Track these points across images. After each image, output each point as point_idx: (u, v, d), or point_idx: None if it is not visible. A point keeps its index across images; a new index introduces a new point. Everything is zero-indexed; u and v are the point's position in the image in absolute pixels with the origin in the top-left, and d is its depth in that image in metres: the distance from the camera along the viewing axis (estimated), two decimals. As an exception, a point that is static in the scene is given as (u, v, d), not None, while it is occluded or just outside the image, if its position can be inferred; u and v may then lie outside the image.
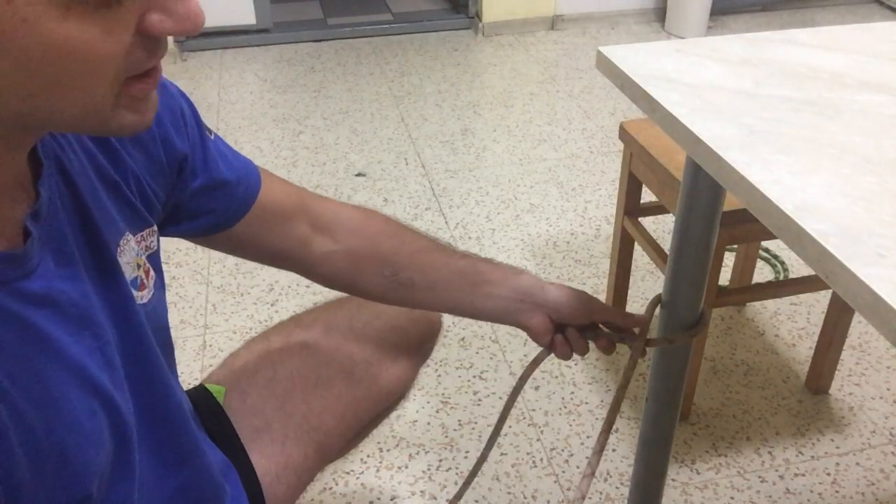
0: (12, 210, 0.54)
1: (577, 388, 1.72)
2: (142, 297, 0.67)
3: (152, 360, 0.68)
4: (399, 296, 0.92)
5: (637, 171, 1.65)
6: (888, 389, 1.71)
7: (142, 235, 0.68)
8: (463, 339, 1.86)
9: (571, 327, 0.93)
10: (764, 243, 2.10)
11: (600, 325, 0.96)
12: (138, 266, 0.67)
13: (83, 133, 0.60)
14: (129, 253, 0.66)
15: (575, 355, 0.95)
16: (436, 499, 1.47)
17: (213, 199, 0.78)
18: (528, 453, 1.57)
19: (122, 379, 0.62)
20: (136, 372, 0.64)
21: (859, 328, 1.85)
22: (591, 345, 0.96)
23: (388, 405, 1.07)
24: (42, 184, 0.56)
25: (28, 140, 0.53)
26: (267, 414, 0.94)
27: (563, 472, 1.52)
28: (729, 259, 2.01)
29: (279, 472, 0.92)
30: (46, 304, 0.54)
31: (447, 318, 1.90)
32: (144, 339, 0.66)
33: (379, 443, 1.58)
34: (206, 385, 0.96)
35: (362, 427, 1.04)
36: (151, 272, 0.69)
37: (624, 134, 1.65)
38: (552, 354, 0.95)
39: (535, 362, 0.96)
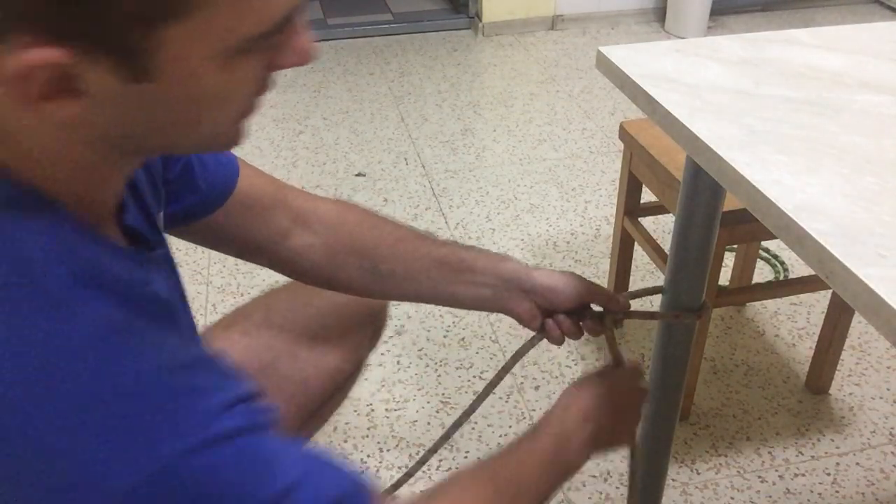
0: (117, 213, 0.58)
1: (577, 388, 1.72)
2: None
3: None
4: (380, 288, 0.91)
5: (637, 171, 1.65)
6: (888, 389, 1.71)
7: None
8: (463, 339, 1.86)
9: (562, 314, 0.91)
10: (764, 243, 2.10)
11: (591, 307, 0.94)
12: None
13: (186, 153, 0.63)
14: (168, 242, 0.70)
15: (581, 339, 0.95)
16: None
17: (194, 180, 0.78)
18: (528, 453, 1.57)
19: None
20: None
21: (859, 328, 1.85)
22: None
23: (338, 385, 1.05)
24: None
25: (142, 162, 0.59)
26: None
27: (563, 472, 1.52)
28: (729, 259, 2.01)
29: None
30: (169, 308, 0.56)
31: (447, 319, 1.91)
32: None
33: (379, 443, 1.59)
34: None
35: (314, 408, 1.03)
36: None
37: (624, 134, 1.65)
38: (545, 340, 0.94)
39: (529, 344, 0.94)
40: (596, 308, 0.94)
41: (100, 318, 0.47)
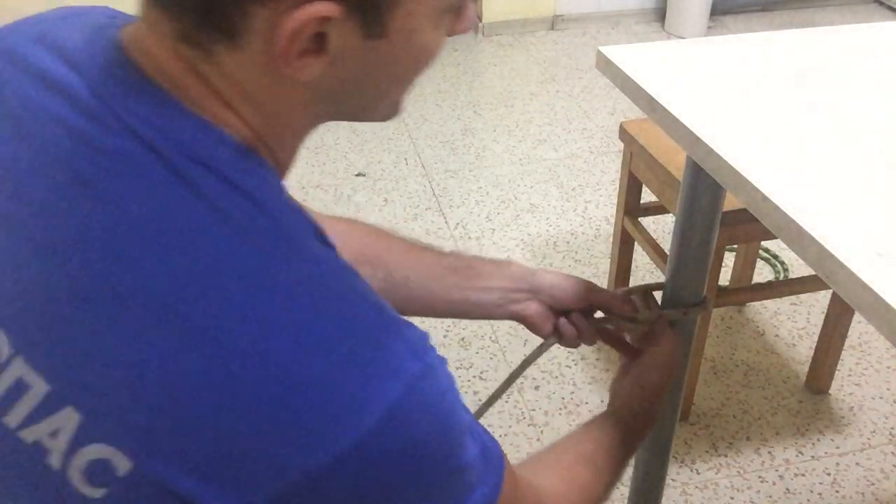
0: None
1: (577, 388, 1.72)
2: None
3: None
4: (396, 297, 0.90)
5: (637, 171, 1.65)
6: (888, 389, 1.71)
7: None
8: (463, 339, 1.86)
9: (575, 312, 0.91)
10: (764, 243, 2.10)
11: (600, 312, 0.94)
12: None
13: (355, 120, 0.64)
14: None
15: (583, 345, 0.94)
16: (436, 499, 1.47)
17: None
18: (528, 453, 1.57)
19: None
20: None
21: (859, 328, 1.85)
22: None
23: None
24: None
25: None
26: None
27: (563, 472, 1.52)
28: (729, 259, 2.01)
29: None
30: None
31: (447, 319, 1.91)
32: None
33: (379, 443, 1.59)
34: None
35: None
36: None
37: (624, 134, 1.65)
38: (557, 343, 0.93)
39: (541, 349, 0.93)
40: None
41: (339, 263, 0.49)
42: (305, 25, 0.43)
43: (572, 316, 0.90)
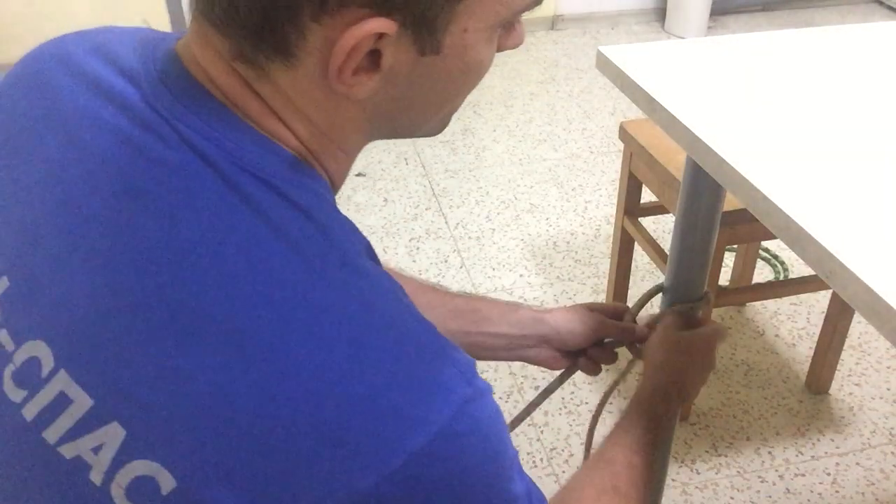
0: None
1: (577, 388, 1.72)
2: None
3: None
4: None
5: (637, 171, 1.65)
6: (888, 389, 1.71)
7: None
8: (463, 339, 1.86)
9: (590, 348, 0.91)
10: (764, 243, 2.10)
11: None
12: None
13: (406, 137, 0.63)
14: None
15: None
16: (436, 499, 1.47)
17: None
18: (528, 453, 1.57)
19: None
20: None
21: (859, 328, 1.85)
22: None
23: None
24: None
25: None
26: None
27: (563, 472, 1.52)
28: (729, 259, 2.01)
29: None
30: None
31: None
32: None
33: (379, 443, 1.59)
34: None
35: None
36: None
37: (624, 134, 1.65)
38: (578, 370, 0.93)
39: (561, 378, 0.93)
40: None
41: (390, 282, 0.48)
42: (361, 43, 0.43)
43: (588, 352, 0.91)
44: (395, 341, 0.45)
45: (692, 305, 1.02)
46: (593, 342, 0.91)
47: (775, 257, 2.11)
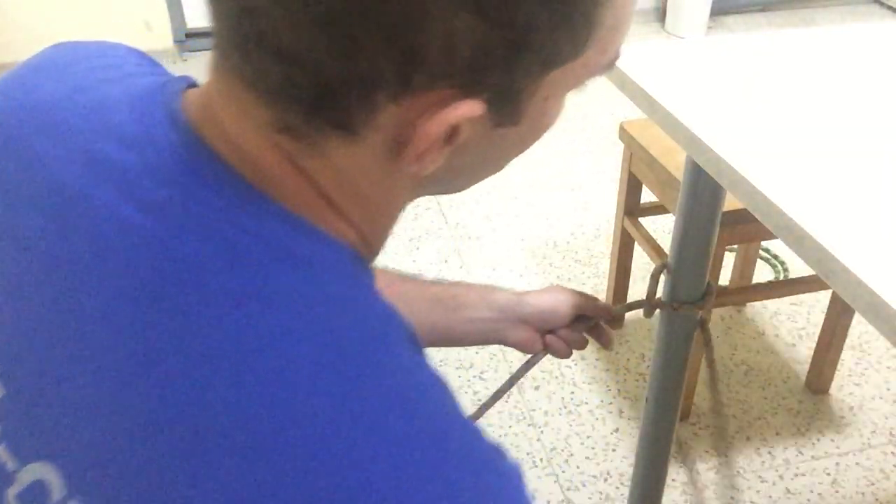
0: None
1: (577, 388, 1.72)
2: None
3: None
4: None
5: (637, 171, 1.65)
6: (888, 389, 1.71)
7: None
8: (463, 339, 1.86)
9: (562, 329, 0.89)
10: (764, 243, 2.10)
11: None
12: None
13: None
14: None
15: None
16: (436, 499, 1.47)
17: None
18: (528, 453, 1.57)
19: None
20: None
21: (859, 328, 1.85)
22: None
23: None
24: None
25: None
26: None
27: (563, 472, 1.52)
28: (729, 259, 2.01)
29: None
30: None
31: (447, 318, 1.91)
32: None
33: (379, 443, 1.59)
34: None
35: None
36: None
37: (624, 134, 1.65)
38: (548, 354, 0.92)
39: (530, 364, 0.92)
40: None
41: (435, 378, 0.42)
42: (451, 126, 0.38)
43: (560, 332, 0.89)
44: (441, 452, 0.39)
45: (693, 305, 1.02)
46: (571, 322, 0.89)
47: (775, 257, 2.12)
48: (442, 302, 0.86)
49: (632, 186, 1.70)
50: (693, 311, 1.03)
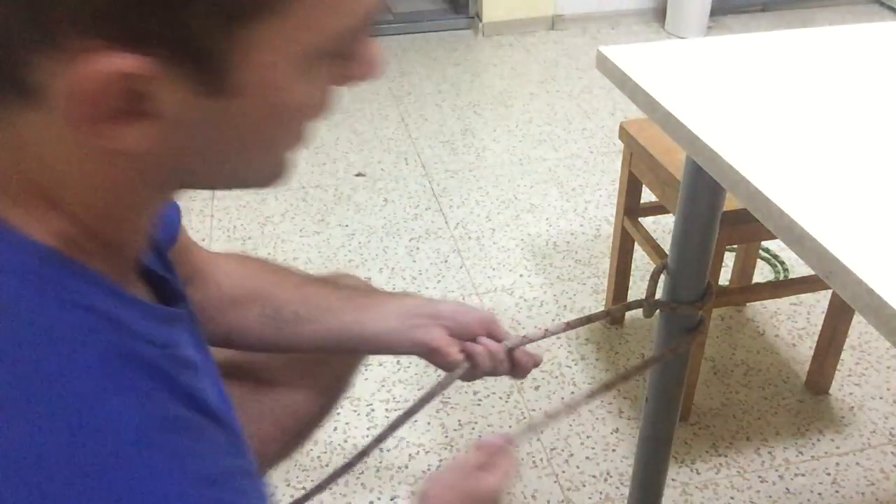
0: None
1: (577, 388, 1.72)
2: None
3: None
4: (284, 335, 0.83)
5: (637, 171, 1.65)
6: (888, 389, 1.71)
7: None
8: (463, 339, 1.86)
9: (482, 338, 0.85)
10: (764, 243, 2.10)
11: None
12: None
13: (228, 189, 0.54)
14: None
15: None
16: (436, 499, 1.47)
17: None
18: (528, 453, 1.57)
19: None
20: None
21: (859, 328, 1.85)
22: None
23: (294, 432, 0.98)
24: None
25: (172, 198, 0.50)
26: None
27: (563, 472, 1.52)
28: (729, 259, 2.01)
29: None
30: (192, 366, 0.48)
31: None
32: None
33: (379, 443, 1.59)
34: None
35: (273, 453, 0.96)
36: None
37: (624, 134, 1.65)
38: (465, 376, 0.86)
39: (452, 375, 0.85)
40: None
41: (135, 415, 0.39)
42: (105, 83, 0.35)
43: (481, 339, 0.84)
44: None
45: (693, 305, 1.02)
46: (485, 334, 0.85)
47: (775, 257, 2.11)
48: (353, 300, 0.84)
49: (632, 186, 1.70)
50: (692, 311, 1.03)
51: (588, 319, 0.95)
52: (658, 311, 1.05)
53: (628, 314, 1.92)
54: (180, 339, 0.48)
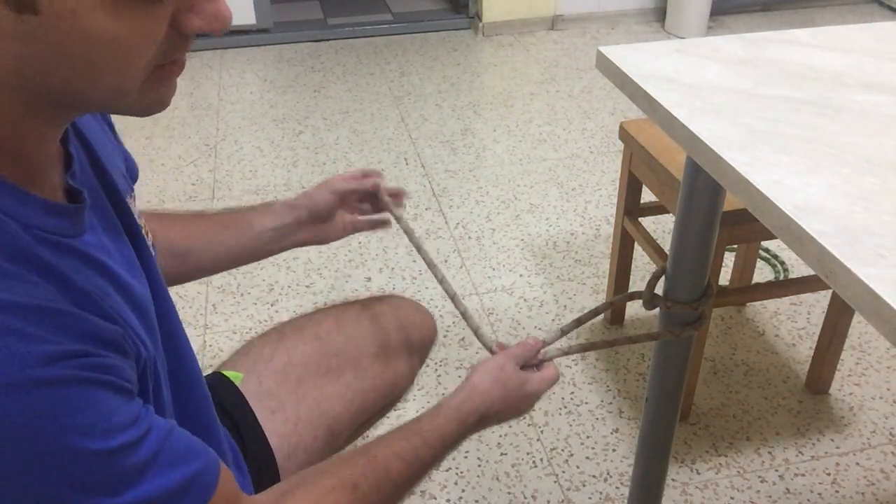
0: (56, 174, 0.56)
1: (577, 388, 1.72)
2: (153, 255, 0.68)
3: (176, 322, 0.69)
4: (182, 268, 0.94)
5: (637, 171, 1.65)
6: (888, 389, 1.71)
7: (132, 196, 0.70)
8: (463, 339, 1.86)
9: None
10: (764, 243, 2.10)
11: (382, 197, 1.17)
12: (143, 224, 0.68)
13: (109, 113, 0.61)
14: (135, 211, 0.68)
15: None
16: (436, 498, 1.47)
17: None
18: (528, 453, 1.57)
19: (160, 344, 0.63)
20: (164, 334, 0.65)
21: (859, 328, 1.85)
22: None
23: (391, 400, 1.09)
24: (70, 143, 0.59)
25: (69, 116, 0.55)
26: (281, 396, 0.96)
27: (563, 472, 1.52)
28: (729, 259, 2.01)
29: (291, 450, 0.93)
30: (97, 264, 0.55)
31: (448, 319, 1.91)
32: (168, 299, 0.67)
33: (379, 443, 1.58)
34: (223, 371, 0.98)
35: (367, 418, 1.05)
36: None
37: (624, 134, 1.65)
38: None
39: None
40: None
41: (13, 331, 0.45)
42: None
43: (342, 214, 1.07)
44: None
45: (693, 305, 1.02)
46: (342, 199, 1.06)
47: (775, 257, 2.12)
48: (229, 226, 1.00)
49: (632, 186, 1.70)
50: (692, 310, 1.04)
51: (594, 313, 1.03)
52: (658, 311, 1.05)
53: (629, 314, 1.92)
54: (84, 230, 0.56)
